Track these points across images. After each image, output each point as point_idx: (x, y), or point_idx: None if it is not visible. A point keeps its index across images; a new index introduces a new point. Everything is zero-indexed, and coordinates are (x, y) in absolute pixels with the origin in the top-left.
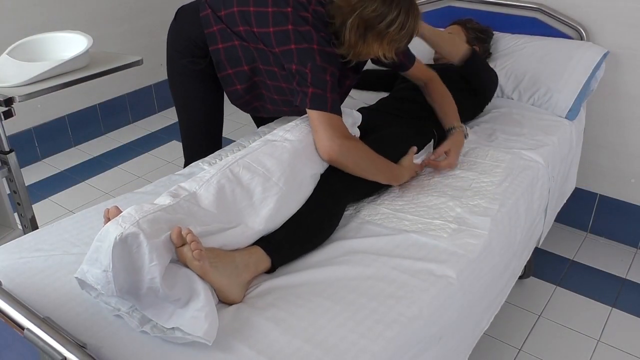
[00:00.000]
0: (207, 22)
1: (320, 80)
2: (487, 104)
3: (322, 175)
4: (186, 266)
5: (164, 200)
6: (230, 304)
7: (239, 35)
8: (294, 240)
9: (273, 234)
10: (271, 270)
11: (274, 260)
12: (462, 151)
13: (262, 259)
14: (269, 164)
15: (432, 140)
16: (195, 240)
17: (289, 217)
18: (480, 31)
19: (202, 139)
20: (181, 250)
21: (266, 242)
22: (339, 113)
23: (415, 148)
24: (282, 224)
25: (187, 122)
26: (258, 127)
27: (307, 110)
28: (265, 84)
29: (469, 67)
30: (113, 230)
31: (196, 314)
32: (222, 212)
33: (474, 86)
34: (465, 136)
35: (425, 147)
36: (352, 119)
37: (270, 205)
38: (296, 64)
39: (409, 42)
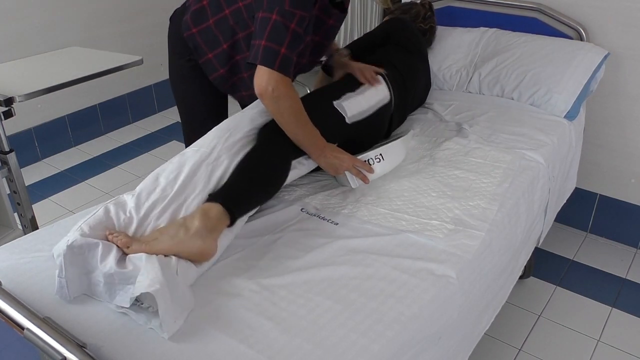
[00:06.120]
0: (187, 9)
1: (278, 34)
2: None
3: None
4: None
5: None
6: (203, 259)
7: None
8: (237, 181)
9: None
10: (232, 221)
11: (222, 202)
12: (463, 151)
13: (209, 207)
14: (195, 143)
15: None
16: (116, 235)
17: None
18: (404, 5)
19: None
20: (115, 243)
21: (209, 195)
22: (286, 74)
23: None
24: None
25: (189, 123)
26: None
27: (257, 65)
28: (244, 61)
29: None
30: (63, 241)
31: (140, 278)
32: (159, 186)
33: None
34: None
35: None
36: None
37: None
38: (263, 10)
39: None
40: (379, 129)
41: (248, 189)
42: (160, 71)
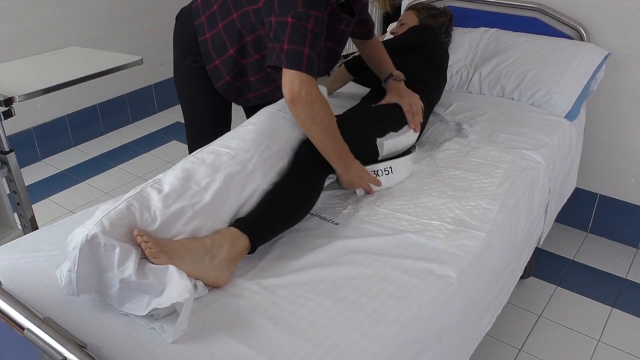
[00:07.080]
0: (197, 13)
1: (299, 35)
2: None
3: (297, 147)
4: None
5: (131, 192)
6: (215, 286)
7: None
8: (268, 214)
9: (249, 212)
10: (252, 250)
11: (249, 235)
12: (463, 151)
13: (237, 237)
14: (233, 145)
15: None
16: (146, 241)
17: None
18: (431, 8)
19: (207, 143)
20: (143, 249)
21: (239, 220)
22: (313, 74)
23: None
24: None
25: (192, 124)
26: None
27: (283, 69)
28: (251, 66)
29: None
30: (80, 233)
31: (168, 291)
32: (189, 191)
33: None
34: (404, 81)
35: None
36: None
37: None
38: (276, 15)
39: None
40: (398, 156)
41: (278, 226)
42: (160, 71)
